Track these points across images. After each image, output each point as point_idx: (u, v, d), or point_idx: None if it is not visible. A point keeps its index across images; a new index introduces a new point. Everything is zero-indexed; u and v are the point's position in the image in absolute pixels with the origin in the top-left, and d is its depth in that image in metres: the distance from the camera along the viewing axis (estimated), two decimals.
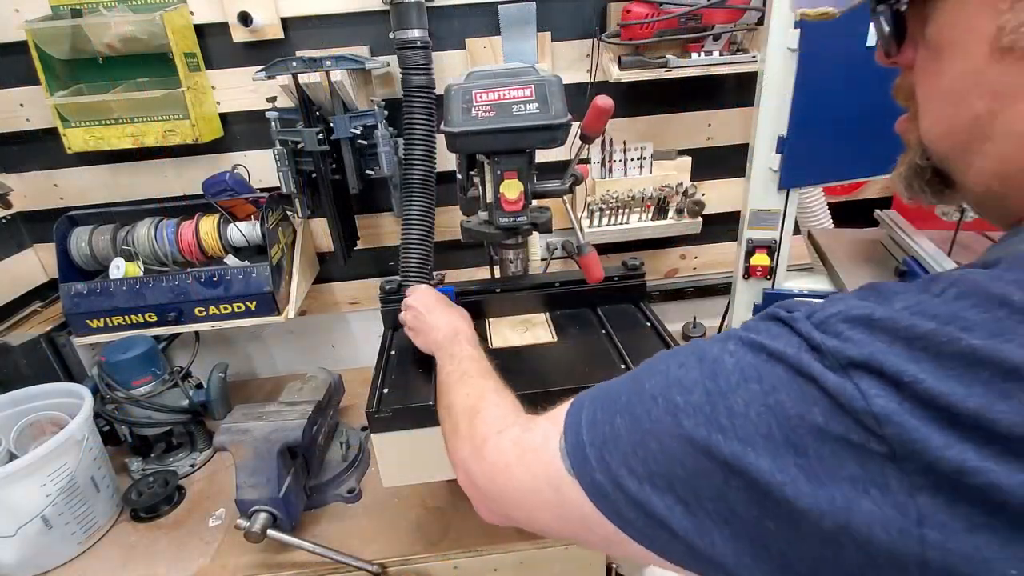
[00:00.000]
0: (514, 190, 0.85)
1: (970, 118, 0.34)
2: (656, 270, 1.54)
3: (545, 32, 1.26)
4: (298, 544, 0.95)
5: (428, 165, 1.22)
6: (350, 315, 1.55)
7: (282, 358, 1.60)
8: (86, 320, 1.19)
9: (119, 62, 1.21)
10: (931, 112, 0.37)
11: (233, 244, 1.24)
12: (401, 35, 1.15)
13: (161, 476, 1.14)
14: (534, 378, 0.84)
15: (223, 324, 1.22)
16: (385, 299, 1.02)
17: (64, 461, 0.97)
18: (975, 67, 0.32)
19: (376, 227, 1.44)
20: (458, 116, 0.81)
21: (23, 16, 1.15)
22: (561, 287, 1.02)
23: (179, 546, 1.03)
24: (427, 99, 1.19)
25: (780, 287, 1.01)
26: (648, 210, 1.36)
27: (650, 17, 1.15)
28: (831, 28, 0.76)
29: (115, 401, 1.13)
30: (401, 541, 1.00)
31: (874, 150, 0.88)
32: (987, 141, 0.33)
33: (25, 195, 1.34)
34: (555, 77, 0.83)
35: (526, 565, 0.99)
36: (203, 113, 1.23)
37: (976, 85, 0.33)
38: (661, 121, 1.36)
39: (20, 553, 0.95)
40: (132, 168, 1.33)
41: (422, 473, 0.85)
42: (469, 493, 0.54)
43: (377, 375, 0.87)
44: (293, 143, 1.21)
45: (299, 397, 1.12)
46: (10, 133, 1.28)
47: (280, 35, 1.22)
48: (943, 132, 0.37)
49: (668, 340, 0.89)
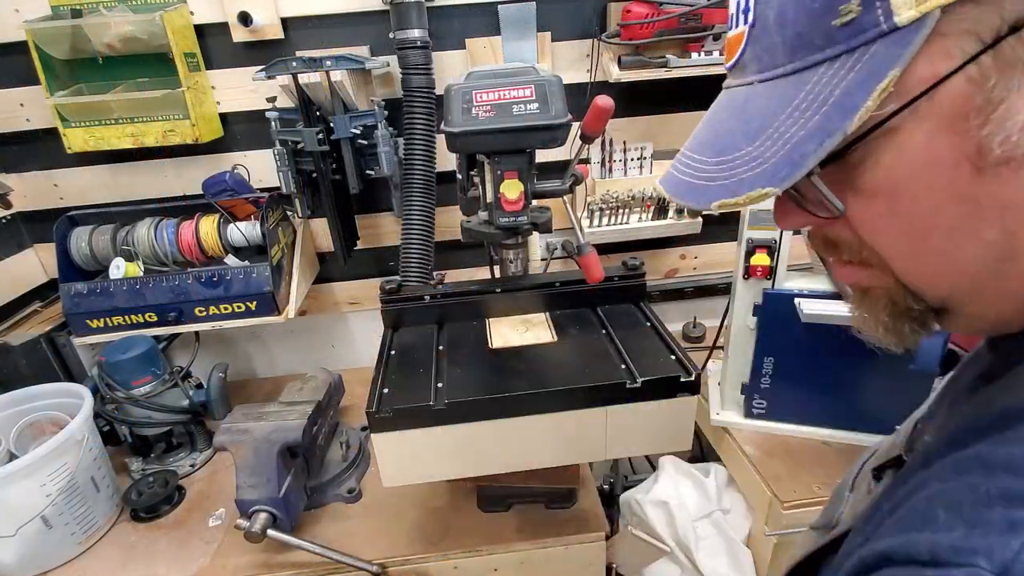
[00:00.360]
0: (514, 190, 0.85)
1: (982, 244, 0.30)
2: (656, 270, 1.54)
3: (545, 32, 1.26)
4: (298, 544, 0.95)
5: (428, 165, 1.22)
6: (350, 315, 1.55)
7: (282, 358, 1.60)
8: (86, 320, 1.18)
9: (119, 62, 1.21)
10: (914, 256, 0.33)
11: (233, 244, 1.24)
12: (401, 35, 1.15)
13: (161, 476, 1.14)
14: (534, 378, 0.84)
15: (223, 324, 1.22)
16: (385, 299, 1.02)
17: (64, 461, 0.97)
18: (961, 193, 0.29)
19: (376, 227, 1.44)
20: (458, 116, 0.81)
21: (23, 16, 1.15)
22: (561, 287, 1.02)
23: (179, 546, 1.03)
24: (427, 99, 1.19)
25: (780, 287, 1.01)
26: (648, 210, 1.36)
27: (650, 17, 1.15)
28: None
29: (115, 401, 1.13)
30: (401, 541, 1.00)
31: None
32: (1011, 261, 0.30)
33: (25, 195, 1.34)
34: (555, 77, 0.83)
35: (526, 565, 0.99)
36: (203, 113, 1.23)
37: (975, 208, 0.29)
38: (661, 121, 1.36)
39: (20, 553, 0.95)
40: (132, 168, 1.33)
41: (422, 473, 0.85)
42: None
43: (377, 375, 0.86)
44: (293, 143, 1.21)
45: (299, 397, 1.12)
46: (10, 133, 1.28)
47: (280, 35, 1.22)
48: (937, 272, 0.33)
49: (668, 340, 0.89)
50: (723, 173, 0.33)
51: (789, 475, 1.02)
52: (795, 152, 0.30)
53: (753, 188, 0.31)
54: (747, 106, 0.34)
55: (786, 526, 0.98)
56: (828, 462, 1.03)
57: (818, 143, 0.29)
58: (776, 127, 0.31)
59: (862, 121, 0.28)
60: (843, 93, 0.29)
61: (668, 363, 0.85)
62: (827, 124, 0.29)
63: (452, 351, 0.93)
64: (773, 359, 1.05)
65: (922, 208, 0.31)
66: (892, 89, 0.28)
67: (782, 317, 1.00)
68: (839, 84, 0.29)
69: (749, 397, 1.10)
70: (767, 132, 0.32)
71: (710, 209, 0.34)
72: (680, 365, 0.83)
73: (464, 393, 0.81)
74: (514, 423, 0.81)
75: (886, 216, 0.32)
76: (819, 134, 0.29)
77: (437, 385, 0.83)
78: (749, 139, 0.33)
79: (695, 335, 1.55)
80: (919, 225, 0.31)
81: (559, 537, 0.98)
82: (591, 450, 0.86)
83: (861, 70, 0.28)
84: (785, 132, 0.31)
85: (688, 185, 0.36)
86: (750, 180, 0.32)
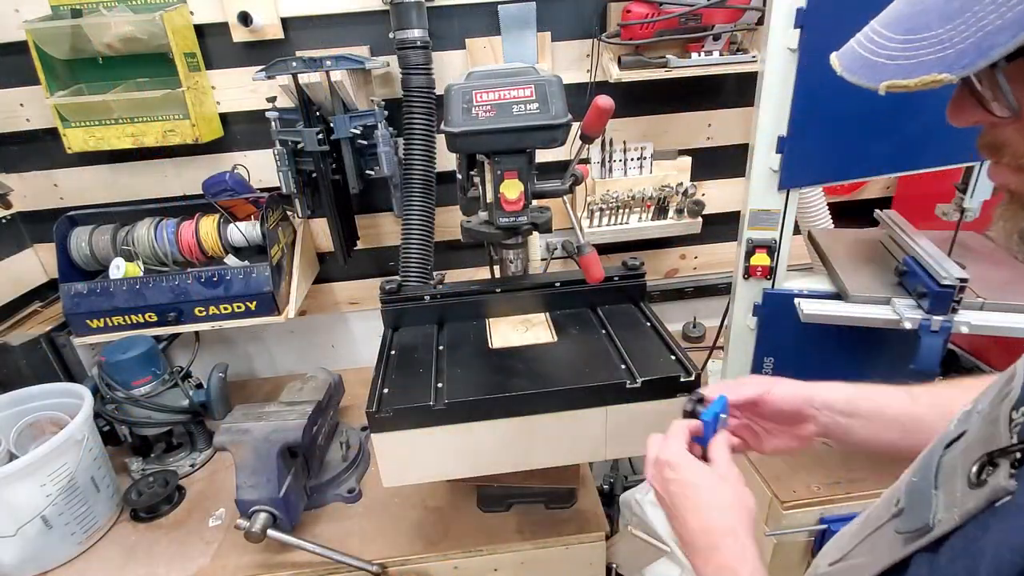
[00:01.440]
0: (514, 190, 0.85)
1: None
2: (656, 270, 1.54)
3: (545, 32, 1.26)
4: (298, 544, 0.95)
5: (428, 165, 1.22)
6: (350, 315, 1.55)
7: (282, 358, 1.60)
8: (86, 320, 1.18)
9: (119, 62, 1.21)
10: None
11: (233, 244, 1.24)
12: (401, 35, 1.15)
13: (161, 476, 1.14)
14: (534, 378, 0.84)
15: (223, 324, 1.22)
16: (385, 299, 1.02)
17: (64, 461, 0.97)
18: None
19: (376, 227, 1.44)
20: (458, 116, 0.81)
21: (23, 16, 1.15)
22: (561, 287, 1.02)
23: (179, 546, 1.03)
24: (427, 99, 1.19)
25: (780, 287, 1.01)
26: (648, 210, 1.36)
27: (650, 17, 1.15)
28: (831, 28, 0.76)
29: (115, 401, 1.13)
30: (401, 541, 1.00)
31: (874, 150, 0.88)
32: None
33: (25, 195, 1.35)
34: (555, 77, 0.83)
35: (526, 565, 0.99)
36: (203, 113, 1.23)
37: None
38: (661, 121, 1.36)
39: (20, 553, 0.95)
40: (132, 168, 1.33)
41: (422, 473, 0.85)
42: None
43: (377, 375, 0.86)
44: (293, 143, 1.21)
45: (299, 397, 1.12)
46: (10, 133, 1.29)
47: (280, 35, 1.22)
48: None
49: (668, 340, 0.89)
50: (905, 52, 0.33)
51: (789, 475, 1.02)
52: (985, 41, 0.29)
53: (930, 72, 0.31)
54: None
55: (785, 526, 0.98)
56: (828, 462, 1.03)
57: (1011, 35, 0.28)
58: (976, 11, 0.30)
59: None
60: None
61: (668, 363, 0.85)
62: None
63: (452, 351, 0.93)
64: (773, 359, 1.05)
65: None
66: None
67: (782, 317, 1.00)
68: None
69: None
70: (964, 16, 0.31)
71: (878, 89, 0.33)
72: (680, 365, 0.83)
73: (464, 393, 0.81)
74: (514, 423, 0.81)
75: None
76: (1014, 27, 0.28)
77: (437, 385, 0.83)
78: (944, 20, 0.32)
79: (695, 335, 1.55)
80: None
81: (559, 537, 0.98)
82: (591, 450, 0.86)
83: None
84: (984, 19, 0.30)
85: (864, 61, 0.35)
86: (929, 64, 0.31)
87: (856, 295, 0.94)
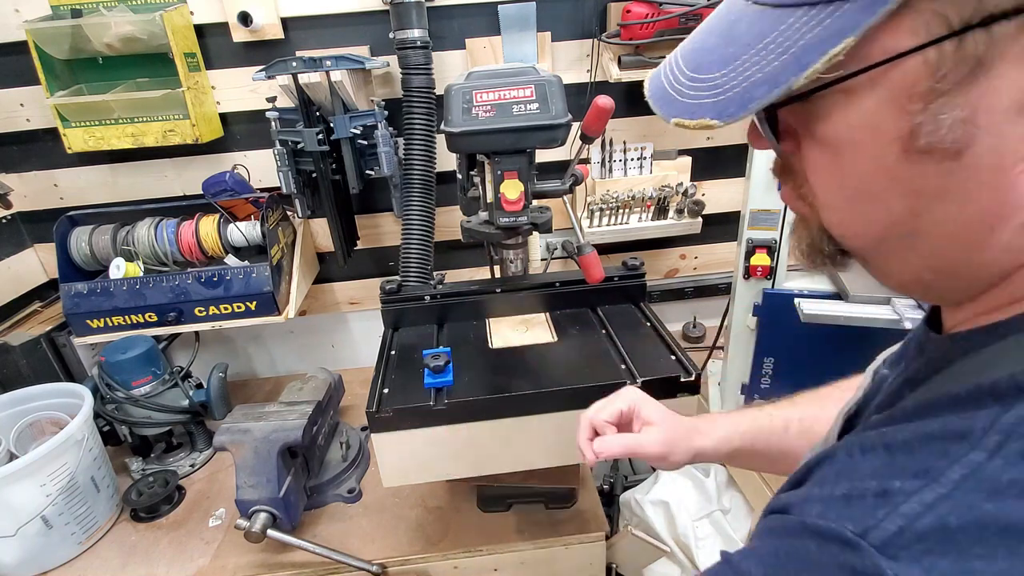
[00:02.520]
0: (514, 190, 0.85)
1: (890, 217, 0.32)
2: (656, 270, 1.54)
3: (545, 32, 1.26)
4: (298, 544, 0.95)
5: (428, 165, 1.22)
6: (350, 315, 1.55)
7: (282, 358, 1.60)
8: (86, 320, 1.18)
9: (119, 62, 1.21)
10: (839, 209, 0.35)
11: (233, 244, 1.24)
12: (401, 35, 1.15)
13: (161, 476, 1.14)
14: (534, 378, 0.84)
15: (223, 324, 1.22)
16: (385, 299, 1.02)
17: (64, 461, 0.97)
18: (887, 167, 0.30)
19: (376, 227, 1.44)
20: (458, 116, 0.81)
21: (23, 16, 1.15)
22: (561, 287, 1.02)
23: (179, 546, 1.03)
24: (427, 99, 1.19)
25: (780, 287, 1.01)
26: (648, 210, 1.36)
27: (650, 17, 1.15)
28: None
29: (115, 401, 1.13)
30: (401, 541, 1.00)
31: None
32: (914, 238, 0.32)
33: (25, 195, 1.34)
34: (555, 77, 0.83)
35: (526, 565, 0.99)
36: (203, 113, 1.23)
37: (892, 184, 0.31)
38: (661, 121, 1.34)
39: (20, 553, 0.95)
40: (132, 168, 1.33)
41: (422, 473, 0.85)
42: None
43: (377, 375, 0.87)
44: (293, 143, 1.21)
45: (299, 397, 1.12)
46: (10, 133, 1.28)
47: (280, 35, 1.22)
48: (859, 231, 0.35)
49: (668, 340, 0.89)
50: (691, 91, 0.34)
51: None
52: (746, 94, 0.31)
53: (705, 116, 0.33)
54: (734, 27, 0.34)
55: None
56: None
57: (767, 91, 0.30)
58: (744, 60, 0.32)
59: (809, 80, 0.29)
60: (804, 46, 0.29)
61: (668, 363, 0.85)
62: (780, 74, 0.30)
63: (452, 351, 0.93)
64: (773, 359, 1.05)
65: (855, 170, 0.32)
66: (842, 57, 0.28)
67: (782, 317, 1.00)
68: (805, 35, 0.29)
69: (749, 397, 1.10)
70: (734, 64, 0.32)
71: (668, 122, 0.35)
72: (680, 365, 0.83)
73: (464, 393, 0.81)
74: (514, 423, 0.81)
75: (827, 167, 0.33)
76: (769, 83, 0.30)
77: None
78: (721, 64, 0.33)
79: (695, 335, 1.55)
80: (849, 184, 0.33)
81: (559, 537, 0.98)
82: None
83: (829, 27, 0.28)
84: (747, 69, 0.31)
85: (663, 92, 0.37)
86: (706, 107, 0.33)
87: (856, 295, 0.94)
